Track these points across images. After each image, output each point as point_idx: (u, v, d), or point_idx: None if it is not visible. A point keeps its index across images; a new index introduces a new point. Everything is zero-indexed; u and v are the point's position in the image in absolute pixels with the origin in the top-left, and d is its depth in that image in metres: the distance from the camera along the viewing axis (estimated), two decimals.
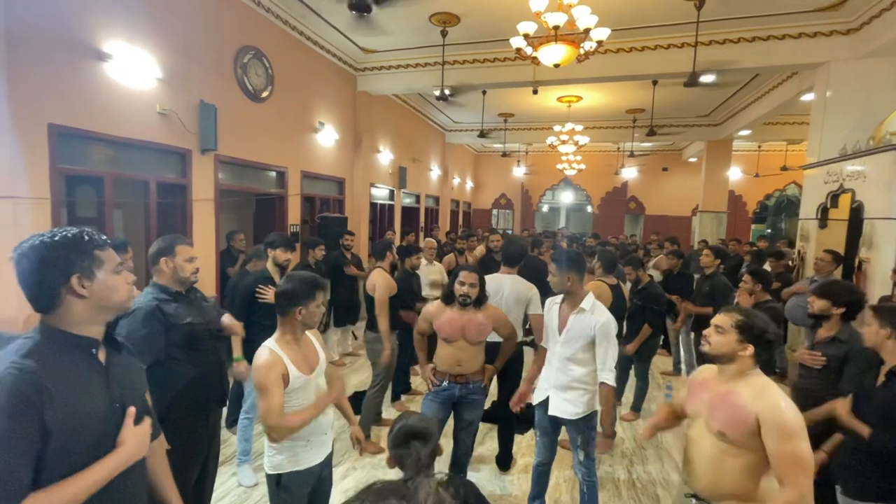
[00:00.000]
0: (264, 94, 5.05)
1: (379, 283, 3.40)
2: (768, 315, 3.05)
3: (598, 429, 2.42)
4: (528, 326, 3.17)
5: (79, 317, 1.06)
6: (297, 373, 1.73)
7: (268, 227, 5.42)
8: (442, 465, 2.88)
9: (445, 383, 2.55)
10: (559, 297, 2.47)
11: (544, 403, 2.43)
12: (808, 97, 5.74)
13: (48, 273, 1.02)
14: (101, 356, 1.13)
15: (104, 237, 1.13)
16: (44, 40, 3.00)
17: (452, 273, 2.65)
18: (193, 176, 4.20)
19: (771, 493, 1.43)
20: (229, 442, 3.26)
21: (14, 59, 2.77)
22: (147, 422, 1.15)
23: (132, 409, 1.11)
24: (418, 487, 0.82)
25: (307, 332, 1.87)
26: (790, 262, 5.51)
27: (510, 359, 3.00)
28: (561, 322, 2.38)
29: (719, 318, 1.60)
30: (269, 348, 1.73)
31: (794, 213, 11.87)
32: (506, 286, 3.04)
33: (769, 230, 13.55)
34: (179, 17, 3.98)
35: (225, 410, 2.95)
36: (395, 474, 1.28)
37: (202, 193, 4.31)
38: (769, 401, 1.44)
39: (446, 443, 2.46)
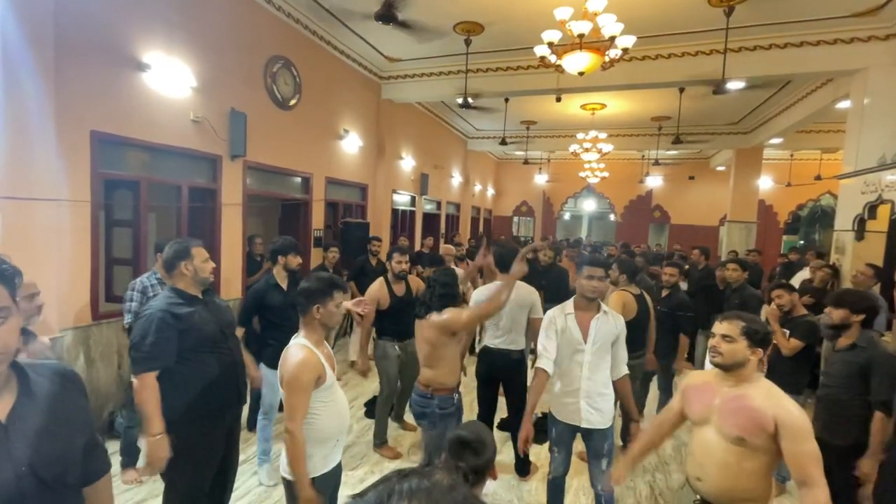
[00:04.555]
0: (292, 102, 5.19)
1: (368, 291, 3.44)
2: (806, 329, 2.97)
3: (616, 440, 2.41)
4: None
5: None
6: (331, 372, 1.78)
7: (292, 232, 5.54)
8: None
9: (458, 395, 2.55)
10: (568, 306, 2.40)
11: (563, 416, 2.39)
12: (844, 104, 5.53)
13: None
14: (2, 410, 0.90)
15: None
16: (88, 52, 3.17)
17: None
18: (223, 181, 4.34)
19: (803, 499, 1.47)
20: (251, 441, 3.33)
21: (60, 69, 2.93)
22: None
23: None
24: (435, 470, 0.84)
25: None
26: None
27: (513, 370, 3.01)
28: (583, 329, 2.32)
29: (725, 328, 1.62)
30: (307, 346, 1.73)
31: (828, 224, 11.41)
32: None
33: (802, 241, 13.07)
34: (213, 29, 4.14)
35: (246, 411, 3.02)
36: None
37: (231, 198, 4.45)
38: (783, 404, 1.50)
39: None
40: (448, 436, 1.42)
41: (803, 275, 5.65)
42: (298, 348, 1.73)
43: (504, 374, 3.08)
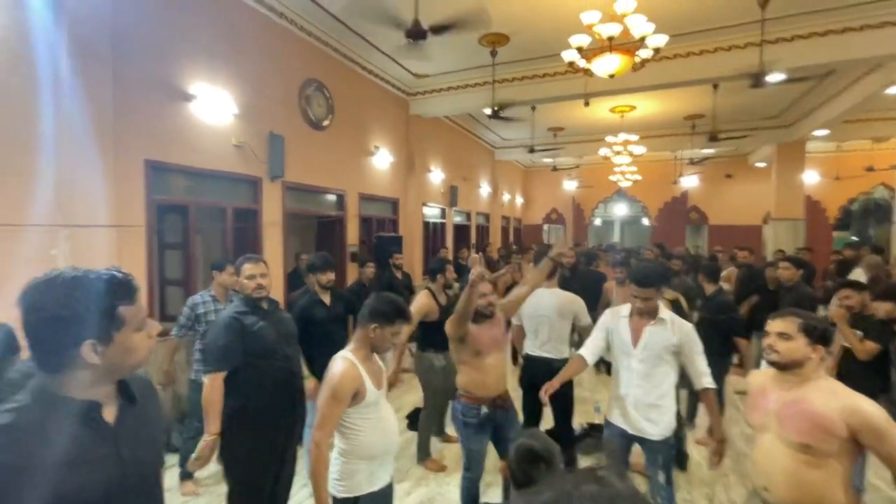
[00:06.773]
0: (325, 123, 5.36)
1: (415, 303, 3.32)
2: (883, 329, 2.75)
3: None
4: (576, 339, 3.07)
5: (84, 382, 0.90)
6: (373, 387, 1.75)
7: (328, 248, 5.68)
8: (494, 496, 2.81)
9: (485, 410, 2.40)
10: (625, 309, 2.37)
11: (614, 418, 2.33)
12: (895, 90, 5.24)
13: (58, 335, 0.85)
14: (110, 414, 0.95)
15: (134, 284, 0.96)
16: (141, 85, 3.40)
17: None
18: (264, 201, 4.51)
19: None
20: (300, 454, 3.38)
21: (117, 104, 3.14)
22: None
23: None
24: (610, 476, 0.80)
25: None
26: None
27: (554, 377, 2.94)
28: (634, 335, 2.26)
29: (780, 325, 1.53)
30: (349, 359, 1.74)
31: (883, 217, 10.72)
32: (546, 301, 2.99)
33: (854, 237, 12.30)
34: (252, 58, 4.36)
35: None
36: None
37: (271, 217, 4.61)
38: (851, 404, 1.40)
39: None
40: (517, 445, 1.40)
41: (858, 272, 5.30)
42: (341, 360, 1.74)
43: (546, 381, 3.00)
